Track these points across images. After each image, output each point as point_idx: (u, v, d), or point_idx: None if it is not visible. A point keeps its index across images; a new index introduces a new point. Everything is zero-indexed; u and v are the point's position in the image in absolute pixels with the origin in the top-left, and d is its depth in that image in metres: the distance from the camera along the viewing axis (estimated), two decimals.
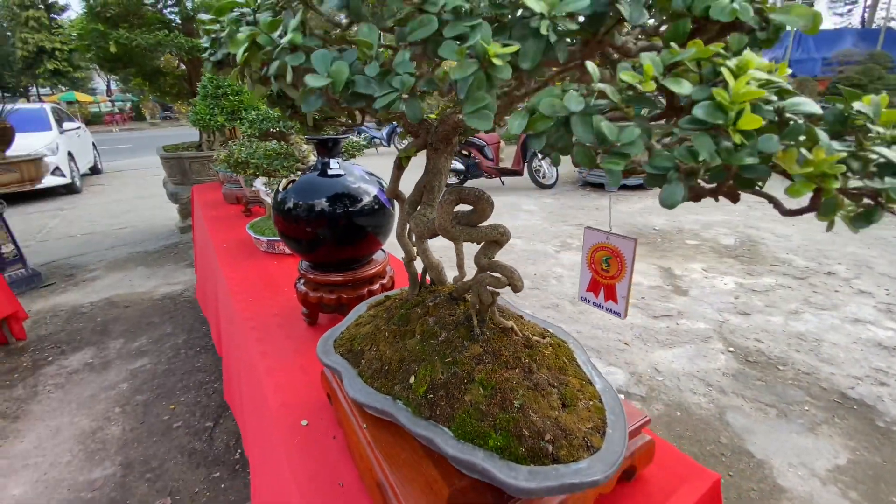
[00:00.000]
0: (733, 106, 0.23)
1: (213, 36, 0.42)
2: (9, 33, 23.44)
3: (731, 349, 2.39)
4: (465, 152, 5.97)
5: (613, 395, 0.64)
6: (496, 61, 0.26)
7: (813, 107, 0.25)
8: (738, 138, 0.23)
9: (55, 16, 23.16)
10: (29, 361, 2.41)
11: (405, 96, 0.30)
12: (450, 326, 0.69)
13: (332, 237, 1.06)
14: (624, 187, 5.84)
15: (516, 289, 0.61)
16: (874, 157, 0.24)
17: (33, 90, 26.73)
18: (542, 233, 4.40)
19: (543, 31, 0.26)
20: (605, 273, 0.70)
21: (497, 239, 0.61)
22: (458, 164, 5.95)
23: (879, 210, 0.24)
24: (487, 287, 0.63)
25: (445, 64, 0.30)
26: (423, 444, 0.60)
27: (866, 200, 0.25)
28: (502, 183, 6.46)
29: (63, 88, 25.05)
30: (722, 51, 0.26)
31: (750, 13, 0.28)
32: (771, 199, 0.29)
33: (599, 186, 6.03)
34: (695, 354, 2.35)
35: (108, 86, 30.96)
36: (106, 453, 1.79)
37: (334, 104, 0.33)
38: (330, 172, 1.08)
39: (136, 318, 2.85)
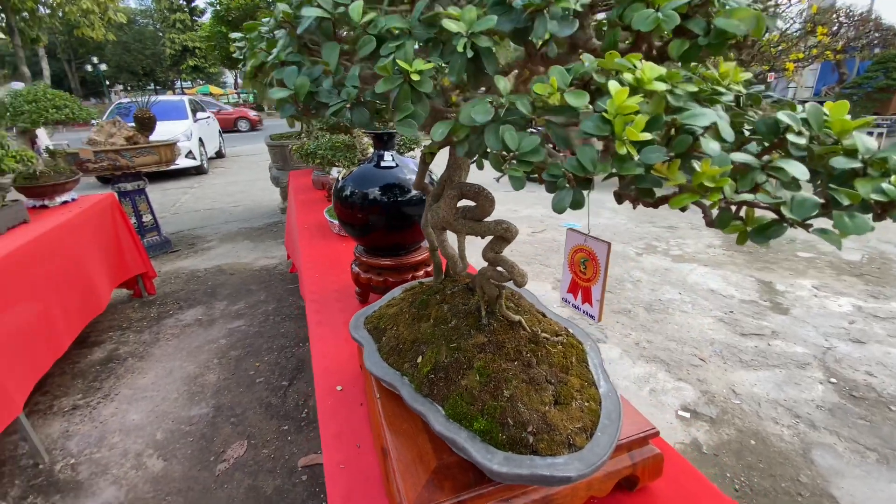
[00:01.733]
0: (617, 119, 0.24)
1: (241, 51, 0.50)
2: (160, 34, 27.67)
3: (833, 380, 2.09)
4: None
5: (616, 400, 0.63)
6: (415, 76, 0.29)
7: (710, 118, 0.24)
8: (623, 150, 0.23)
9: (196, 18, 26.80)
10: (155, 313, 2.90)
11: (349, 105, 0.35)
12: (461, 315, 0.72)
13: (382, 224, 1.14)
14: None
15: (518, 284, 0.63)
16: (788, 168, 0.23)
17: (178, 84, 31.32)
18: (624, 233, 4.16)
19: (460, 48, 0.28)
20: (583, 275, 0.69)
21: (502, 234, 0.63)
22: None
23: (780, 225, 0.23)
24: (491, 281, 0.66)
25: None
26: (421, 419, 0.65)
27: (773, 215, 0.23)
28: None
29: (200, 82, 29.01)
30: (634, 62, 0.26)
31: (675, 21, 0.27)
32: (701, 206, 0.28)
33: None
34: (784, 380, 2.09)
35: (236, 80, 35.02)
36: (203, 396, 2.11)
37: (305, 110, 0.38)
38: (383, 164, 1.16)
39: (238, 285, 3.27)
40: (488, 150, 0.27)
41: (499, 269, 0.65)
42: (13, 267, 1.76)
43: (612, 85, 0.24)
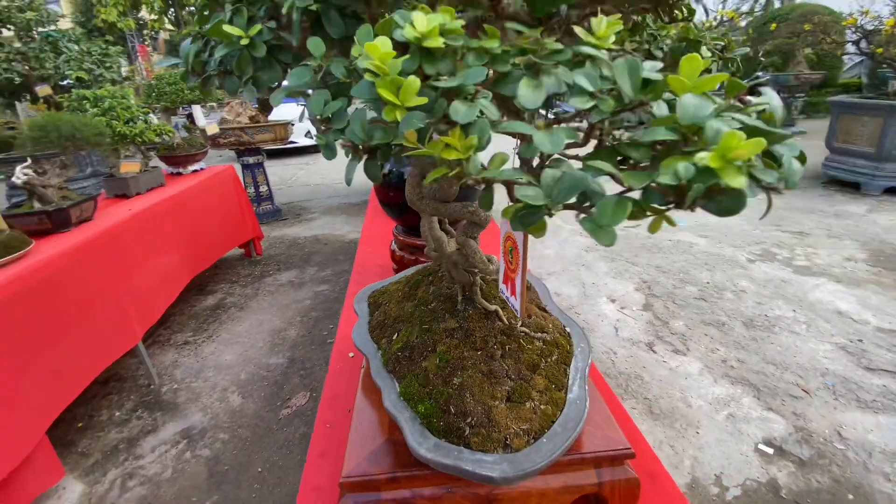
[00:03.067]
0: (382, 81, 0.21)
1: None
2: None
3: None
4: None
5: (581, 410, 0.57)
6: (244, 41, 0.29)
7: (475, 77, 0.19)
8: (390, 116, 0.20)
9: None
10: (259, 272, 3.31)
11: (216, 73, 0.36)
12: (441, 298, 0.71)
13: None
14: (891, 191, 4.28)
15: (482, 272, 0.60)
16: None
17: None
18: (739, 235, 3.63)
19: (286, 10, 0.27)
20: (510, 265, 0.62)
21: (471, 219, 0.60)
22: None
23: (535, 210, 0.18)
24: (459, 267, 0.63)
25: None
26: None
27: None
28: None
29: None
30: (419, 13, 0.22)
31: None
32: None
33: (850, 185, 4.54)
34: None
35: None
36: (282, 348, 2.37)
37: (202, 80, 0.40)
38: None
39: (329, 254, 3.57)
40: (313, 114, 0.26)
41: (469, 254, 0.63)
42: (150, 220, 2.14)
43: (379, 40, 0.21)
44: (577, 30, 0.26)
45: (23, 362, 1.38)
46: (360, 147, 0.24)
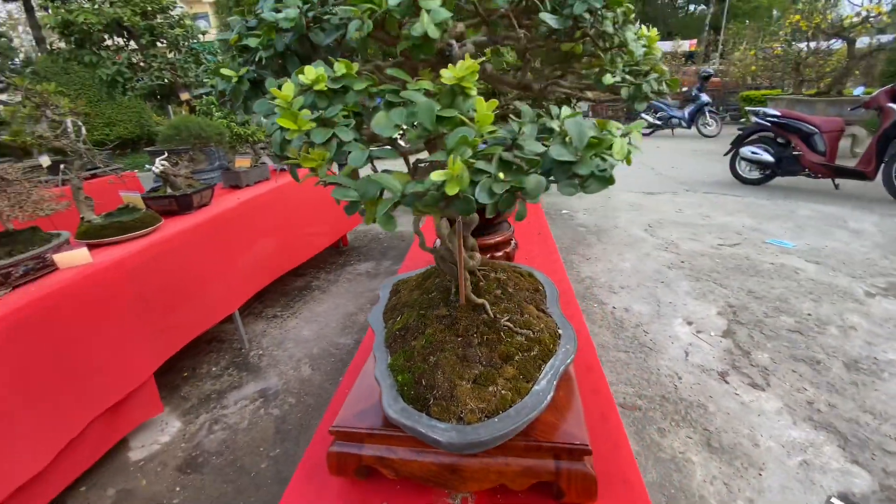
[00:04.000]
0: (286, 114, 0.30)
1: None
2: None
3: None
4: (780, 140, 4.65)
5: (539, 401, 0.62)
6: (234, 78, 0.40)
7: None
8: (291, 136, 0.30)
9: None
10: (342, 261, 3.64)
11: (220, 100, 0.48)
12: (441, 289, 0.79)
13: None
14: None
15: (463, 265, 0.67)
16: None
17: None
18: (859, 263, 3.13)
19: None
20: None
21: (471, 218, 0.68)
22: (763, 155, 4.74)
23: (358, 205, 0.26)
24: (446, 260, 0.71)
25: None
26: None
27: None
28: (836, 186, 4.76)
29: None
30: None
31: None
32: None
33: None
34: None
35: None
36: (351, 330, 2.61)
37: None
38: None
39: (404, 249, 3.80)
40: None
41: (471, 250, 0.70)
42: (254, 208, 2.51)
43: (286, 86, 0.30)
44: (443, 71, 0.33)
45: (146, 316, 1.74)
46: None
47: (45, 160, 2.55)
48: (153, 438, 1.96)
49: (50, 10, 2.73)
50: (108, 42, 2.92)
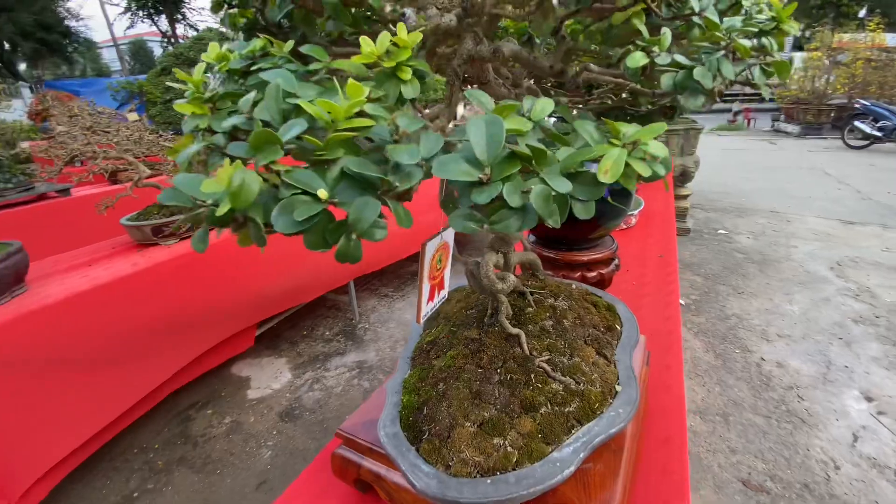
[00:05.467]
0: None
1: None
2: None
3: None
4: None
5: (551, 473, 0.49)
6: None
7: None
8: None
9: None
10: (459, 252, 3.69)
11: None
12: (480, 307, 0.70)
13: None
14: None
15: (487, 288, 0.57)
16: None
17: None
18: None
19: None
20: (438, 271, 0.53)
21: (504, 234, 0.57)
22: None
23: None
24: (477, 278, 0.61)
25: None
26: None
27: None
28: None
29: None
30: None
31: None
32: None
33: None
34: None
35: None
36: None
37: None
38: None
39: None
40: None
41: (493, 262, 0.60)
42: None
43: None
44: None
45: (261, 277, 1.99)
46: None
47: None
48: (267, 384, 2.25)
49: None
50: None
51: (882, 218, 4.15)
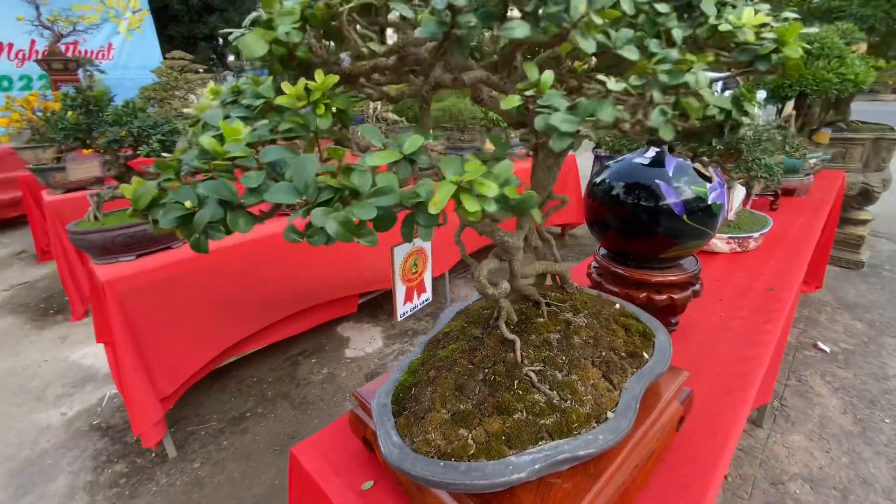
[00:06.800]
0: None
1: None
2: None
3: None
4: None
5: (499, 472, 0.52)
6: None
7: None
8: None
9: None
10: (563, 253, 3.56)
11: None
12: (494, 308, 0.73)
13: (616, 225, 1.06)
14: None
15: (487, 295, 0.60)
16: None
17: None
18: None
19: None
20: (414, 275, 0.52)
21: (493, 239, 0.60)
22: None
23: None
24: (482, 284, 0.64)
25: None
26: None
27: None
28: None
29: None
30: None
31: None
32: None
33: None
34: None
35: None
36: None
37: None
38: (645, 160, 1.03)
39: None
40: None
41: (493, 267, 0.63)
42: None
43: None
44: None
45: (365, 258, 2.23)
46: None
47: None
48: (362, 347, 2.53)
49: None
50: None
51: None
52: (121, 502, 1.62)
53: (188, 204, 0.29)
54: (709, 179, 1.01)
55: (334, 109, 0.34)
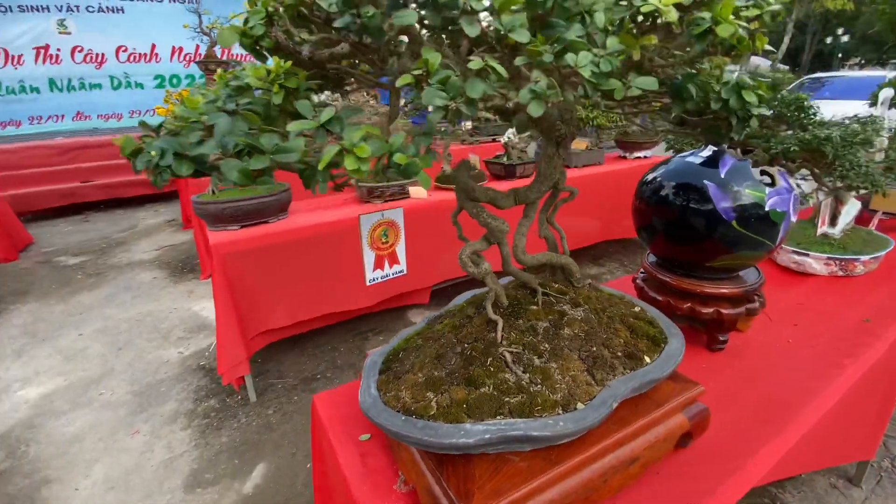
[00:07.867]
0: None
1: None
2: None
3: None
4: None
5: (450, 435, 0.55)
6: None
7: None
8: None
9: None
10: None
11: None
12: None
13: (663, 227, 1.00)
14: None
15: (473, 274, 0.63)
16: None
17: None
18: None
19: None
20: (385, 244, 0.51)
21: (481, 223, 0.62)
22: None
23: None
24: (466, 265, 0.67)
25: None
26: None
27: None
28: None
29: None
30: None
31: None
32: None
33: None
34: None
35: None
36: None
37: None
38: (698, 159, 0.95)
39: None
40: None
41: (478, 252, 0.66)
42: (583, 189, 2.71)
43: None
44: None
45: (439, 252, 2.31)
46: None
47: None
48: (414, 321, 2.64)
49: None
50: None
51: None
52: (209, 430, 1.93)
53: (153, 153, 0.39)
54: (772, 184, 0.90)
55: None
